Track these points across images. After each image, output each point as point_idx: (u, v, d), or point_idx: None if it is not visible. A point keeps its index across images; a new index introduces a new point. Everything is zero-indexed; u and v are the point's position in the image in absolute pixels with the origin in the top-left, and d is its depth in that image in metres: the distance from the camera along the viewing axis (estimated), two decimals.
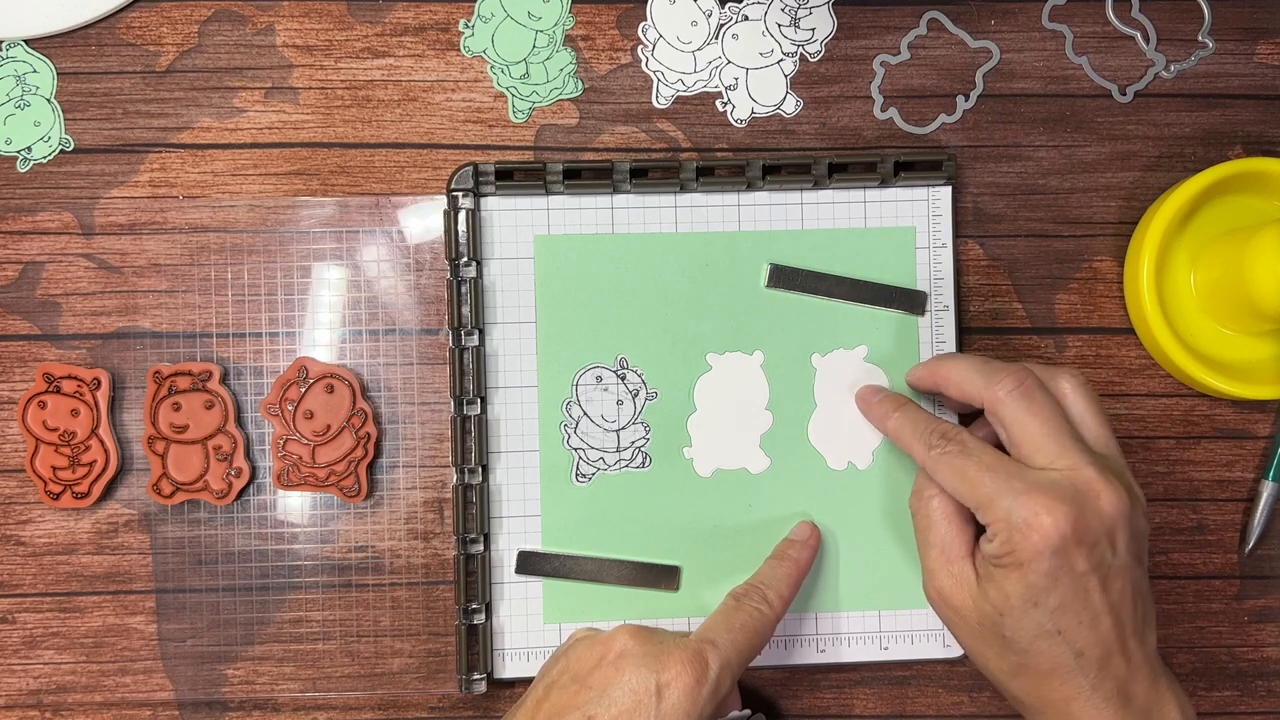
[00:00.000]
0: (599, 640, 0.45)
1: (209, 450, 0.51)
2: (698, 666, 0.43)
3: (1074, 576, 0.42)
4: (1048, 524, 0.41)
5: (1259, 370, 0.52)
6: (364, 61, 0.53)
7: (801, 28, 0.54)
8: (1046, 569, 0.42)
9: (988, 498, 0.43)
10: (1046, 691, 0.43)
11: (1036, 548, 0.42)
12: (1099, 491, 0.42)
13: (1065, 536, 0.41)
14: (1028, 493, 0.42)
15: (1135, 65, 0.54)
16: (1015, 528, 0.42)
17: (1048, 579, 0.42)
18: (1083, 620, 0.42)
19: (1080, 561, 0.42)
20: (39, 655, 0.52)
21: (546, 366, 0.52)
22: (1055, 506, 0.42)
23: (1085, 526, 0.42)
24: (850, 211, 0.53)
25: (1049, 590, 0.42)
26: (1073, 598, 0.42)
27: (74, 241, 0.52)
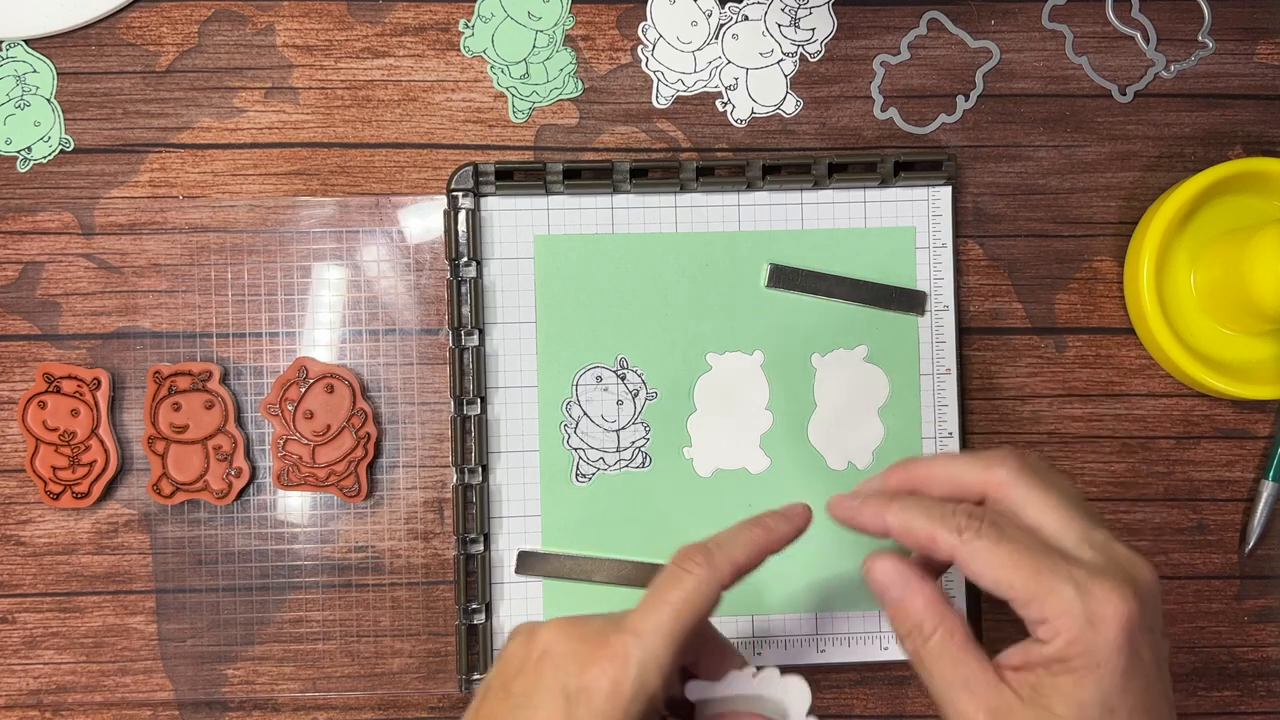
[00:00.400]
0: (526, 638, 0.40)
1: (209, 450, 0.51)
2: (616, 666, 0.38)
3: (1143, 668, 0.37)
4: (1123, 610, 0.36)
5: (1259, 370, 0.52)
6: (364, 61, 0.53)
7: (801, 28, 0.54)
8: (1124, 665, 0.36)
9: (1046, 588, 0.37)
10: None
11: (1113, 642, 0.36)
12: (1136, 564, 0.38)
13: (1133, 624, 0.36)
14: (1092, 579, 0.36)
15: (1135, 65, 0.54)
16: (1089, 622, 0.36)
17: (1124, 677, 0.36)
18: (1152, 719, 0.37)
19: (1145, 650, 0.37)
20: (39, 655, 0.52)
21: (546, 366, 0.52)
22: (1122, 592, 0.36)
23: (1147, 611, 0.37)
24: (850, 211, 0.53)
25: (1125, 689, 0.36)
26: (1145, 694, 0.37)
27: (74, 241, 0.52)
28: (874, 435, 0.53)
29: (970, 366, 0.54)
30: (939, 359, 0.53)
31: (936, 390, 0.53)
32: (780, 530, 0.42)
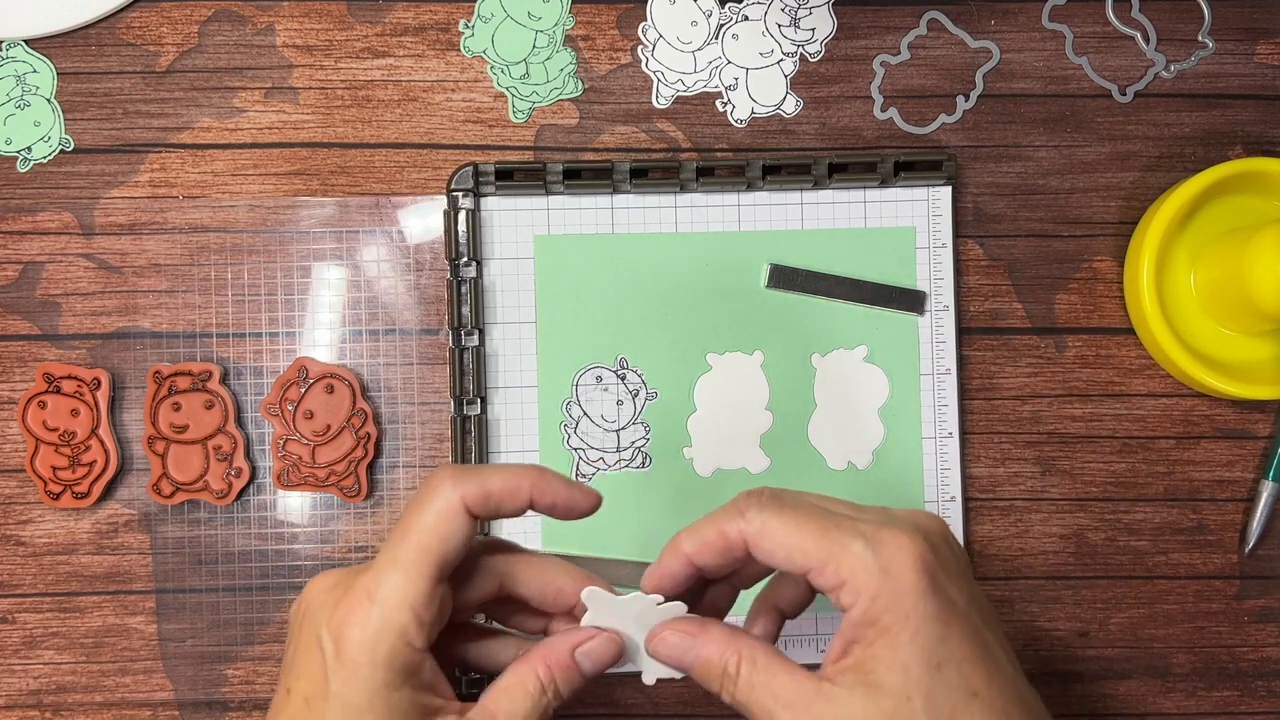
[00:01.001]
0: (296, 601, 0.38)
1: (209, 450, 0.51)
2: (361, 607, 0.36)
3: (959, 613, 0.35)
4: (914, 551, 0.35)
5: (1259, 370, 0.52)
6: (364, 61, 0.53)
7: (801, 28, 0.54)
8: (934, 610, 0.35)
9: (838, 546, 0.35)
10: None
11: (915, 585, 0.34)
12: (917, 515, 0.37)
13: (930, 566, 0.35)
14: (878, 530, 0.35)
15: (1135, 65, 0.54)
16: (884, 570, 0.35)
17: (940, 624, 0.35)
18: (989, 669, 0.35)
19: (954, 592, 0.35)
20: (39, 655, 0.52)
21: (546, 366, 0.52)
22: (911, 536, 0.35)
23: (943, 551, 0.36)
24: (850, 211, 0.53)
25: (946, 637, 0.35)
26: (969, 642, 0.35)
27: (74, 241, 0.52)
28: (874, 435, 0.53)
29: (970, 366, 0.54)
30: (939, 359, 0.53)
31: (936, 390, 0.53)
32: (556, 486, 0.39)
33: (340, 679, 0.36)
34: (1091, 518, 0.54)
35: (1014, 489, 0.53)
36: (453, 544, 0.37)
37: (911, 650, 0.34)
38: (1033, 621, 0.53)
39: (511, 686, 0.38)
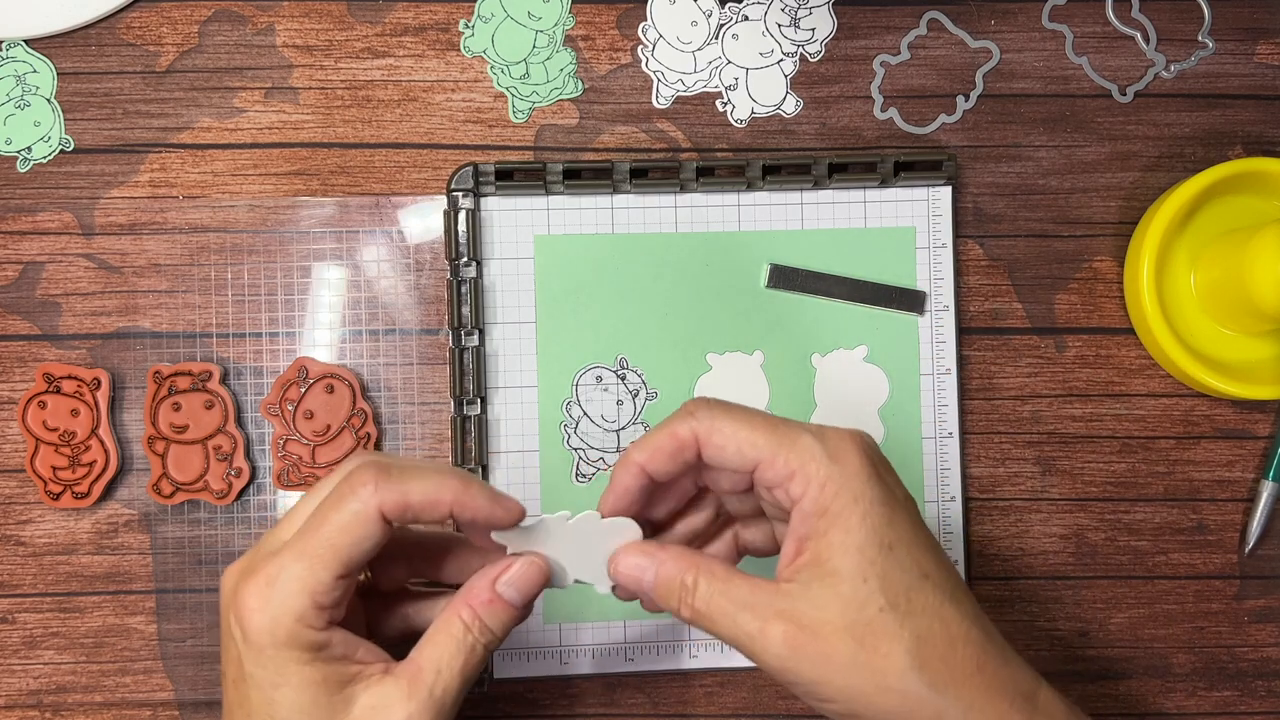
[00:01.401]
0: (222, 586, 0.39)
1: (209, 450, 0.51)
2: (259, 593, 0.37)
3: (900, 503, 0.37)
4: (859, 442, 0.37)
5: (1259, 370, 0.52)
6: (364, 61, 0.53)
7: (801, 28, 0.54)
8: (880, 494, 0.36)
9: (788, 439, 0.37)
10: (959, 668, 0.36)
11: (861, 470, 0.36)
12: (857, 432, 0.38)
13: (872, 457, 0.37)
14: (823, 427, 0.37)
15: (1135, 65, 0.54)
16: (832, 458, 0.36)
17: (886, 507, 0.36)
18: (937, 556, 0.37)
19: (895, 486, 0.38)
20: (39, 655, 0.52)
21: (546, 366, 0.52)
22: (853, 433, 0.37)
23: (876, 453, 0.38)
24: (850, 211, 0.53)
25: (894, 520, 0.36)
26: (914, 528, 0.37)
27: (74, 241, 0.52)
28: (874, 435, 0.53)
29: (970, 366, 0.54)
30: (939, 359, 0.53)
31: (936, 390, 0.53)
32: (478, 502, 0.38)
33: (250, 660, 0.37)
34: (1091, 518, 0.54)
35: (1014, 489, 0.53)
36: (364, 548, 0.37)
37: (863, 532, 0.36)
38: (1033, 621, 0.53)
39: (436, 634, 0.39)
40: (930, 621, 0.36)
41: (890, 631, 0.36)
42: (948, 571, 0.38)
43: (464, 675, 0.38)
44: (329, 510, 0.37)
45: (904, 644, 0.36)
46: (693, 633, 0.52)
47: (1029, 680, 0.38)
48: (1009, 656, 0.38)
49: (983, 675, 0.36)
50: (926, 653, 0.36)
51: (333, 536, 0.37)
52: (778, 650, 0.36)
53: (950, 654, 0.36)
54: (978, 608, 0.38)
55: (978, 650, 0.37)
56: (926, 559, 0.37)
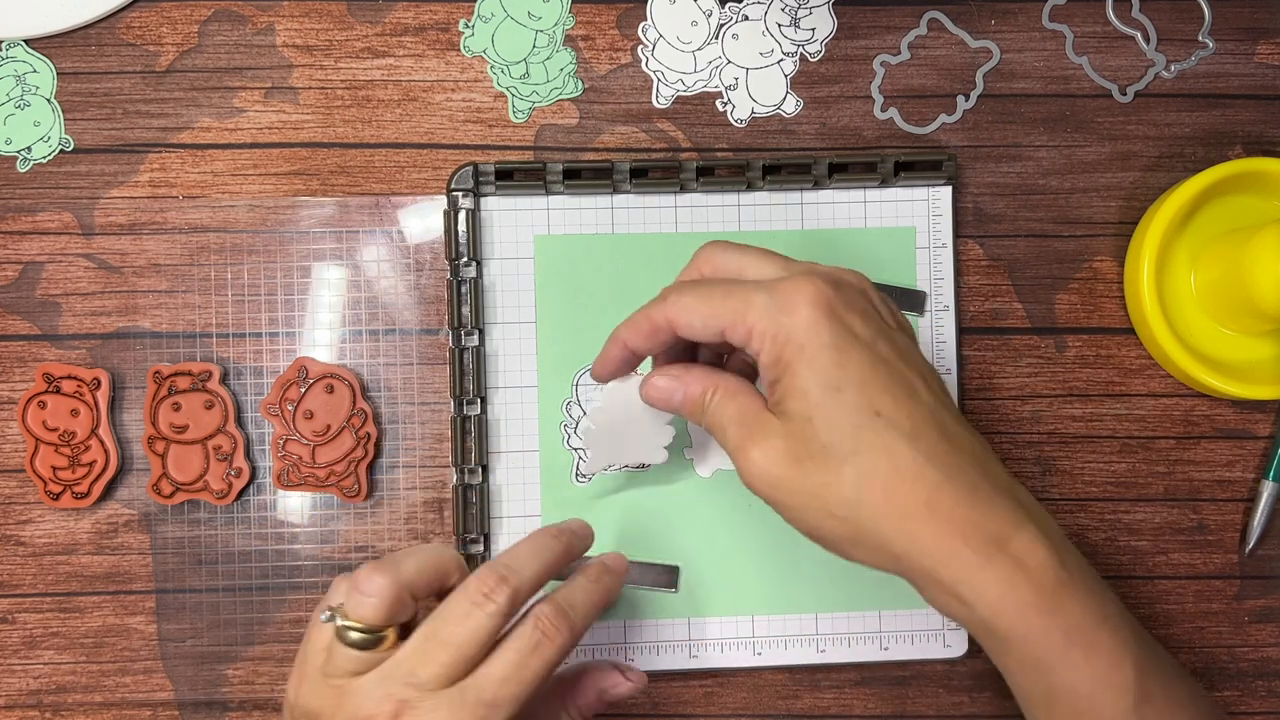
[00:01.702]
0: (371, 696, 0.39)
1: (209, 450, 0.51)
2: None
3: (862, 344, 0.38)
4: (810, 291, 0.38)
5: (1259, 370, 0.52)
6: (364, 61, 0.53)
7: (801, 28, 0.54)
8: (828, 339, 0.38)
9: (742, 302, 0.39)
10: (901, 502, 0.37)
11: (809, 318, 0.38)
12: (838, 271, 0.40)
13: (830, 300, 0.38)
14: (781, 282, 0.39)
15: (1135, 65, 0.54)
16: (781, 310, 0.38)
17: (835, 350, 0.38)
18: (897, 394, 0.38)
19: (860, 327, 0.38)
20: (39, 655, 0.52)
21: (546, 366, 0.52)
22: (808, 281, 0.39)
23: (847, 292, 0.39)
24: (850, 211, 0.53)
25: (843, 362, 0.38)
26: (873, 369, 0.38)
27: (74, 241, 0.52)
28: None
29: (970, 366, 0.54)
30: (939, 359, 0.53)
31: None
32: (615, 589, 0.45)
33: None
34: (1091, 518, 0.54)
35: None
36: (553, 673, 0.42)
37: (809, 375, 0.38)
38: None
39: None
40: (876, 458, 0.37)
41: (832, 465, 0.38)
42: (914, 409, 0.38)
43: None
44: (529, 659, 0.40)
45: (845, 477, 0.38)
46: (693, 633, 0.52)
47: (1003, 524, 0.37)
48: (981, 499, 0.37)
49: (931, 511, 0.37)
50: (868, 486, 0.37)
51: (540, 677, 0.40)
52: (746, 467, 0.40)
53: (895, 489, 0.37)
54: (949, 448, 0.38)
55: (929, 488, 0.37)
56: (883, 397, 0.38)
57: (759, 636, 0.52)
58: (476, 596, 0.40)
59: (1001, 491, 0.38)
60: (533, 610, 0.41)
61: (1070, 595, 0.37)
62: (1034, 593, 0.37)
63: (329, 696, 0.40)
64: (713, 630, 0.52)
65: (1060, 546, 0.38)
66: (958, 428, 0.39)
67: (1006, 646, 0.38)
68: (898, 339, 0.40)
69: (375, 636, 0.39)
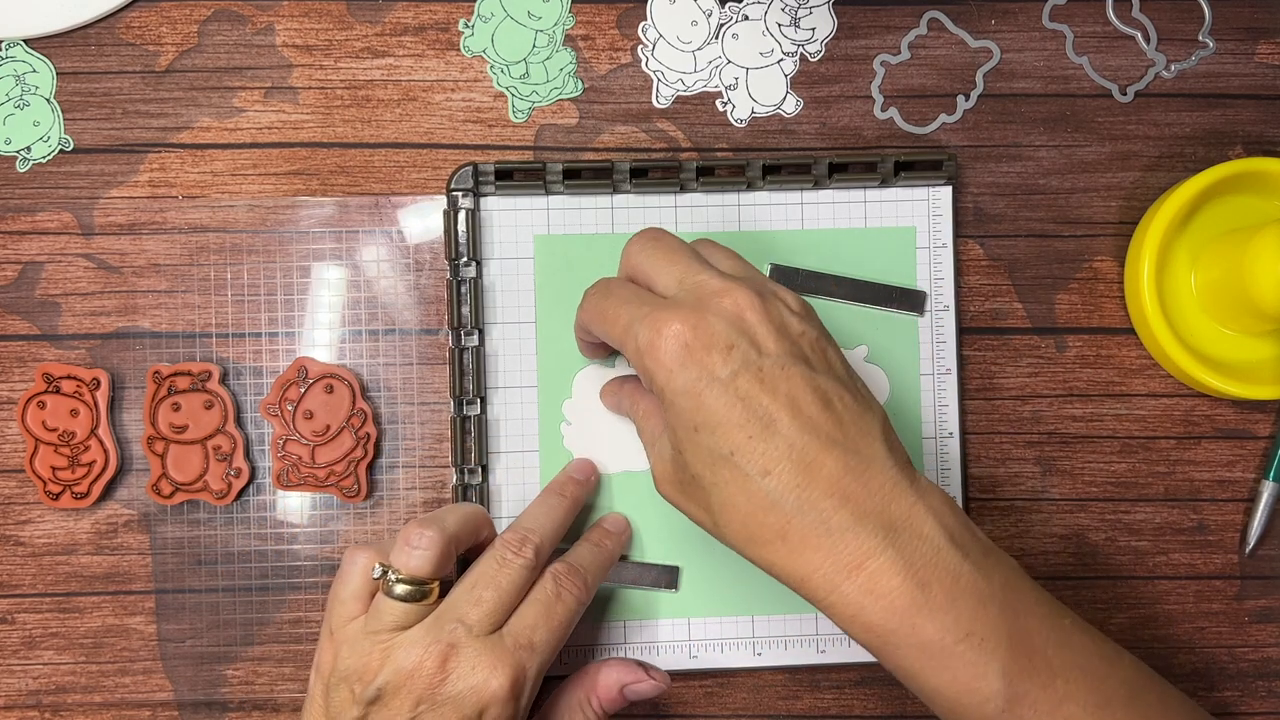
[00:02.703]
0: (420, 643, 0.43)
1: (208, 450, 0.51)
2: (517, 681, 0.42)
3: (719, 384, 0.39)
4: (667, 334, 0.39)
5: (1259, 370, 0.52)
6: (364, 61, 0.53)
7: (801, 27, 0.54)
8: (682, 385, 0.39)
9: (624, 329, 0.41)
10: (756, 530, 0.39)
11: (665, 363, 0.39)
12: (720, 295, 0.40)
13: (688, 344, 0.39)
14: (650, 314, 0.40)
15: (1135, 65, 0.54)
16: (644, 351, 0.40)
17: (689, 397, 0.39)
18: (757, 436, 0.39)
19: (719, 366, 0.39)
20: (39, 655, 0.52)
21: (546, 366, 0.52)
22: (671, 319, 0.39)
23: (709, 330, 0.39)
24: (850, 211, 0.53)
25: (698, 407, 0.39)
26: (729, 410, 0.39)
27: (74, 241, 0.52)
28: None
29: (970, 366, 0.54)
30: (939, 359, 0.53)
31: (936, 390, 0.53)
32: (617, 550, 0.50)
33: None
34: (1092, 518, 0.54)
35: (1014, 489, 0.53)
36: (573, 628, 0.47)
37: (671, 416, 0.40)
38: None
39: (568, 717, 0.48)
40: (733, 492, 0.39)
41: (701, 493, 0.41)
42: (764, 449, 0.39)
43: None
44: (555, 607, 0.45)
45: (712, 505, 0.40)
46: (693, 633, 0.52)
47: (857, 554, 0.38)
48: (834, 530, 0.38)
49: (785, 541, 0.39)
50: (727, 517, 0.40)
51: (566, 629, 0.46)
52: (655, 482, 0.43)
53: (750, 521, 0.39)
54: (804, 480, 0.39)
55: (782, 520, 0.39)
56: (736, 436, 0.39)
57: (759, 636, 0.52)
58: (507, 553, 0.45)
59: (864, 517, 0.39)
60: (549, 569, 0.46)
61: (925, 616, 0.38)
62: (884, 615, 0.38)
63: (374, 654, 0.43)
64: (713, 630, 0.52)
65: (923, 565, 0.39)
66: (819, 452, 0.39)
67: (874, 654, 0.40)
68: (765, 366, 0.40)
69: (422, 589, 0.43)
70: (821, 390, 0.40)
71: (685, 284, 0.41)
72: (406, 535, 0.44)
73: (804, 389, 0.39)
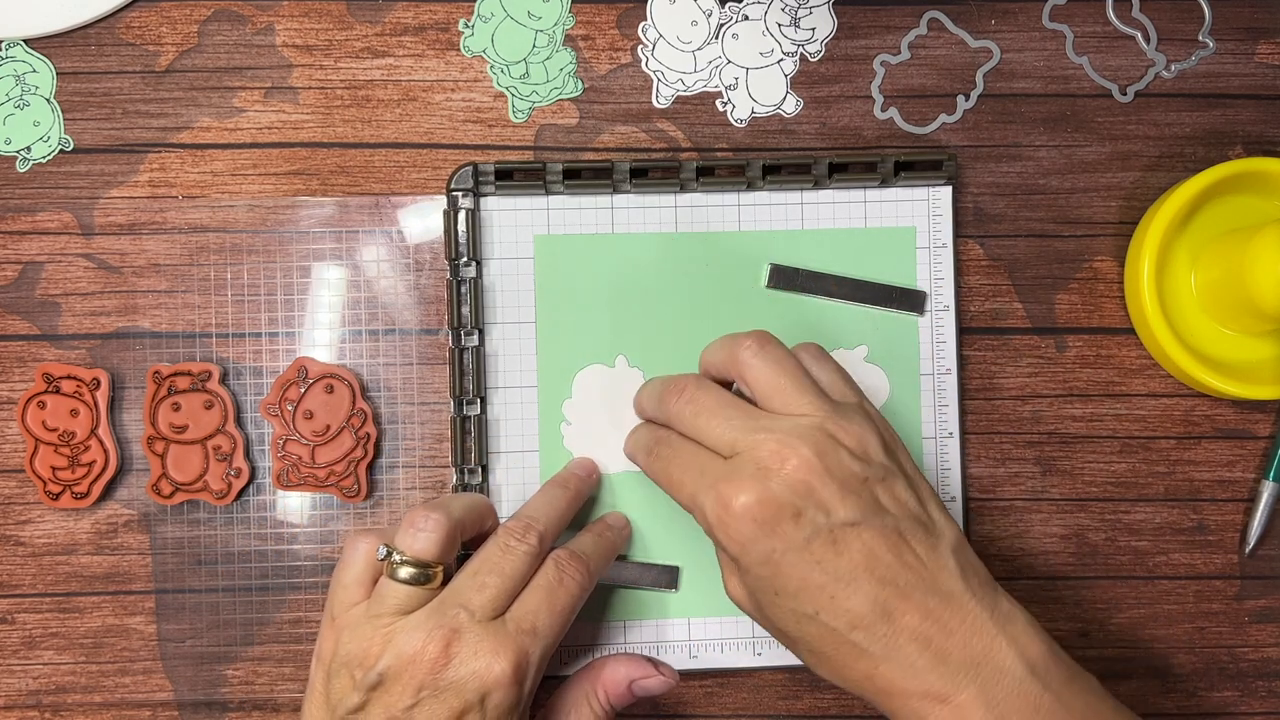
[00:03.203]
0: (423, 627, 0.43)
1: (208, 450, 0.51)
2: (520, 666, 0.42)
3: (794, 553, 0.40)
4: (735, 510, 0.40)
5: (1259, 370, 0.52)
6: (364, 61, 0.53)
7: (801, 27, 0.54)
8: (758, 557, 0.40)
9: (690, 499, 0.42)
10: (847, 672, 0.41)
11: (737, 539, 0.40)
12: (779, 459, 0.40)
13: (757, 518, 0.40)
14: (714, 486, 0.41)
15: (1135, 65, 0.54)
16: (714, 525, 0.41)
17: (766, 566, 0.40)
18: (835, 593, 0.40)
19: (791, 534, 0.40)
20: (39, 655, 0.52)
21: (546, 366, 0.52)
22: (736, 493, 0.40)
23: (776, 502, 0.40)
24: (850, 211, 0.53)
25: (776, 574, 0.40)
26: (806, 575, 0.40)
27: (74, 241, 0.52)
28: None
29: (970, 366, 0.54)
30: (939, 359, 0.53)
31: (937, 390, 0.53)
32: (619, 542, 0.50)
33: None
34: (1092, 518, 0.54)
35: (1014, 489, 0.53)
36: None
37: (749, 580, 0.42)
38: None
39: (574, 709, 0.48)
40: (821, 645, 0.41)
41: (785, 639, 0.43)
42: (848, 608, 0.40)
43: None
44: (558, 593, 0.45)
45: (795, 650, 0.43)
46: (693, 633, 0.52)
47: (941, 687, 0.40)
48: (919, 671, 0.40)
49: (873, 682, 0.41)
50: (816, 661, 0.42)
51: (569, 615, 0.46)
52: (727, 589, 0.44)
53: (839, 665, 0.41)
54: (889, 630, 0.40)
55: (870, 665, 0.41)
56: (819, 597, 0.40)
57: (759, 636, 0.52)
58: (510, 539, 0.45)
59: (946, 658, 0.40)
60: (551, 554, 0.46)
61: None
62: None
63: (376, 638, 0.42)
64: (713, 630, 0.52)
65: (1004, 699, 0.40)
66: (900, 600, 0.40)
67: None
68: (835, 528, 0.40)
69: (426, 572, 0.43)
70: (894, 538, 0.41)
71: (741, 445, 0.42)
72: (412, 518, 0.44)
73: (878, 542, 0.40)
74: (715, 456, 0.42)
